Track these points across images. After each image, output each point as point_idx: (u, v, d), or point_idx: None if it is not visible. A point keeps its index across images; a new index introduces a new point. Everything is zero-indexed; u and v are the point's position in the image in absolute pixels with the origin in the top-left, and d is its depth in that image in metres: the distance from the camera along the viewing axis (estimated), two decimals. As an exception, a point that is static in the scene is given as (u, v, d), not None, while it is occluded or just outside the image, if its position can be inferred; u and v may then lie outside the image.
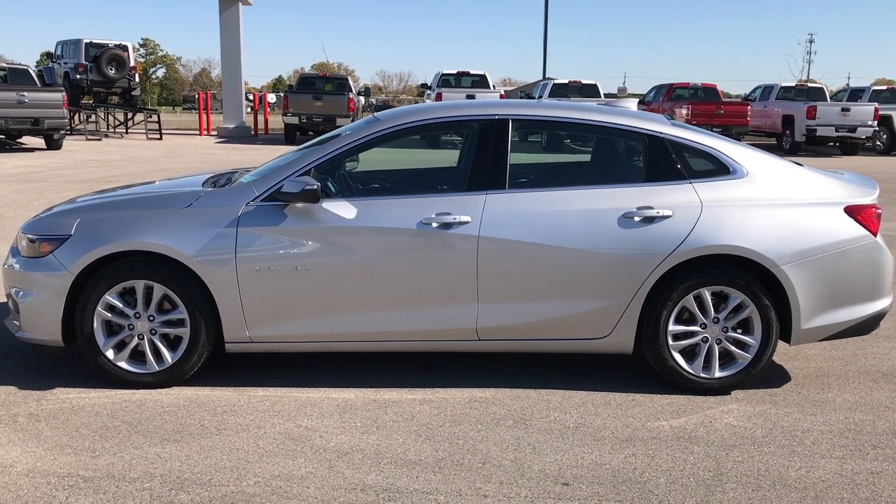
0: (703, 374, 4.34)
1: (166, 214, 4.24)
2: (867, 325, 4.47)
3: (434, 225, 4.21)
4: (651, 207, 4.25)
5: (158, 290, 4.21)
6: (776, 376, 4.67)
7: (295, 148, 5.07)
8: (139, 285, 4.21)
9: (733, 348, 4.33)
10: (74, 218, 4.31)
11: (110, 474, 3.36)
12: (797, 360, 4.99)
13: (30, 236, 4.35)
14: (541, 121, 4.88)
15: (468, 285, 4.24)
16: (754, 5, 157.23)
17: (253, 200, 4.25)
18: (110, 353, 4.27)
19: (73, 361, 4.62)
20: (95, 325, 4.23)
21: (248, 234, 4.19)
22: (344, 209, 4.25)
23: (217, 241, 4.17)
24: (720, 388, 4.35)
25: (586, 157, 5.37)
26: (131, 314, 4.25)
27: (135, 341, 4.28)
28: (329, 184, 4.46)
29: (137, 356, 4.32)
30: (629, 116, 4.60)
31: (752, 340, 4.30)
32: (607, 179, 4.55)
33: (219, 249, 4.17)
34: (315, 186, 4.15)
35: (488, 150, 4.39)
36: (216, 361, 4.57)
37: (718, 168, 4.40)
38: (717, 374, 4.33)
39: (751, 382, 4.40)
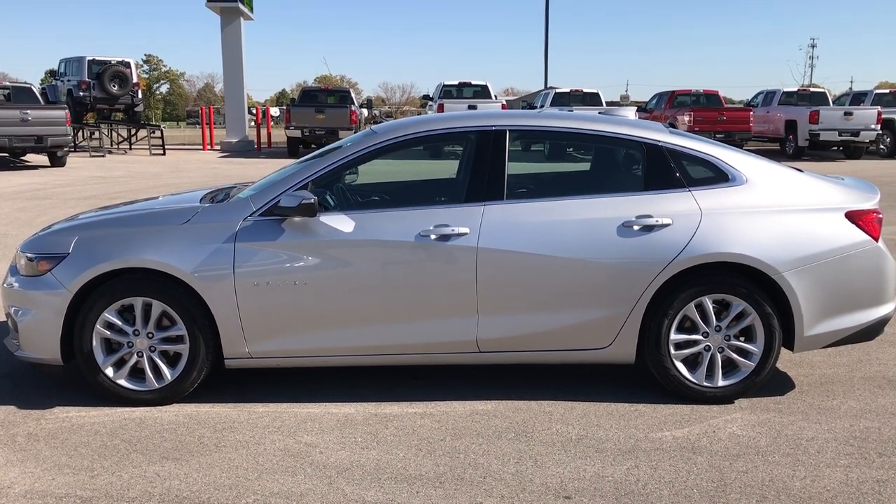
0: (705, 383, 4.30)
1: (164, 231, 4.23)
2: (871, 331, 4.44)
3: (432, 237, 4.20)
4: (650, 216, 4.23)
5: (157, 306, 4.20)
6: (780, 384, 4.63)
7: (295, 161, 5.06)
8: (138, 302, 4.20)
9: (736, 356, 4.29)
10: (72, 236, 4.31)
11: (108, 494, 3.33)
12: (801, 367, 4.95)
13: (28, 255, 4.34)
14: (538, 131, 4.86)
15: (468, 297, 4.22)
16: (756, 11, 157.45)
17: (251, 215, 4.24)
18: (110, 371, 4.26)
19: (72, 380, 4.61)
20: (94, 343, 4.22)
21: (245, 250, 4.18)
22: (342, 223, 4.24)
23: (215, 257, 4.16)
24: (723, 397, 4.31)
25: (585, 167, 5.35)
26: (130, 331, 4.24)
27: (134, 359, 4.27)
28: (327, 197, 4.45)
29: (137, 374, 4.30)
30: (627, 125, 4.58)
31: (755, 348, 4.27)
32: (606, 188, 4.52)
33: (217, 265, 4.15)
34: (312, 200, 4.14)
35: (486, 161, 4.38)
36: (216, 378, 4.55)
37: (717, 175, 4.38)
38: (720, 382, 4.30)
39: (754, 391, 4.36)
